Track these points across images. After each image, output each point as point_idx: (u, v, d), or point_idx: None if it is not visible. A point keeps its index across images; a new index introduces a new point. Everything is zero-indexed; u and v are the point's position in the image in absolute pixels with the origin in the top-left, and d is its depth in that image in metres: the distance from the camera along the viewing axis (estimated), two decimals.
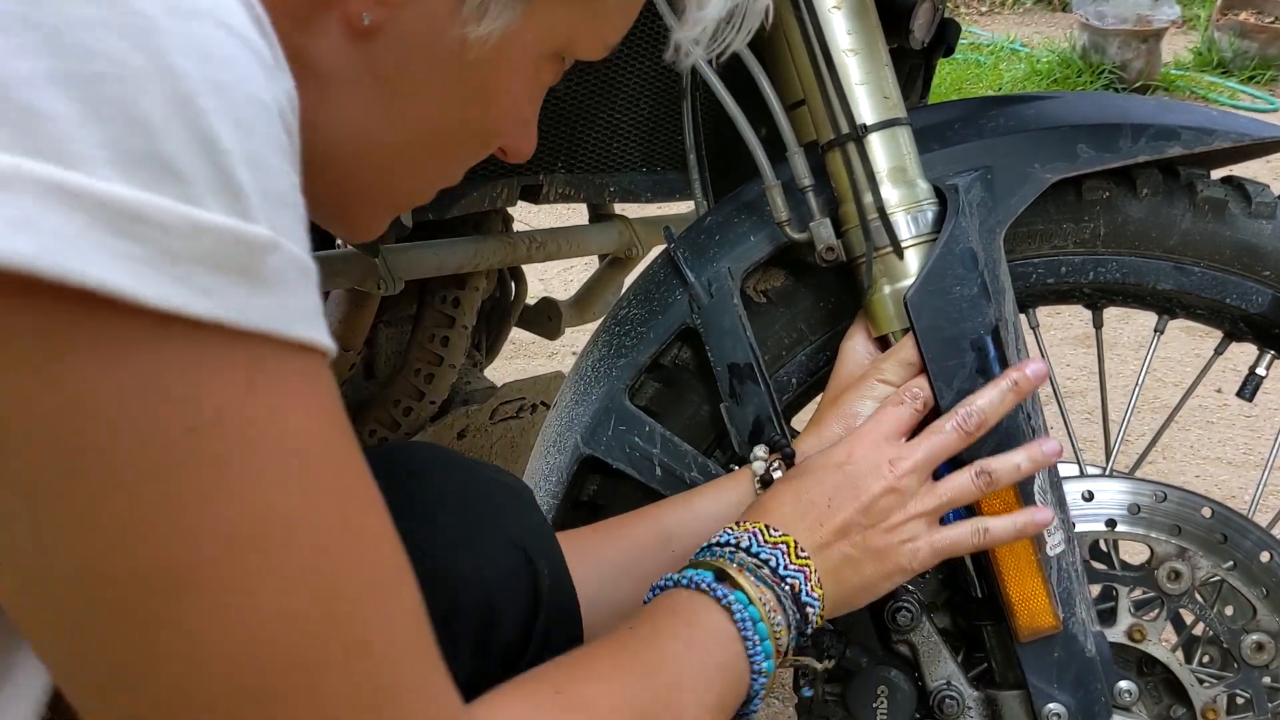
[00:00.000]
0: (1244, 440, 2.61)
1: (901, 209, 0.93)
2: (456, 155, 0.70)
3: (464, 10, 0.60)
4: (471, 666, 0.70)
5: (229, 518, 0.45)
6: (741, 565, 0.79)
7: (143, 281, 0.41)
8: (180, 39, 0.42)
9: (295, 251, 0.46)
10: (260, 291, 0.45)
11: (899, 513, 0.85)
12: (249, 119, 0.44)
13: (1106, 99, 1.09)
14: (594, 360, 1.05)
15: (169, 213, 0.42)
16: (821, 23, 0.92)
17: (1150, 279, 1.03)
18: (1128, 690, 0.98)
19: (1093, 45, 5.37)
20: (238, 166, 0.43)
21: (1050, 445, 0.90)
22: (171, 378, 0.43)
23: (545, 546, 0.76)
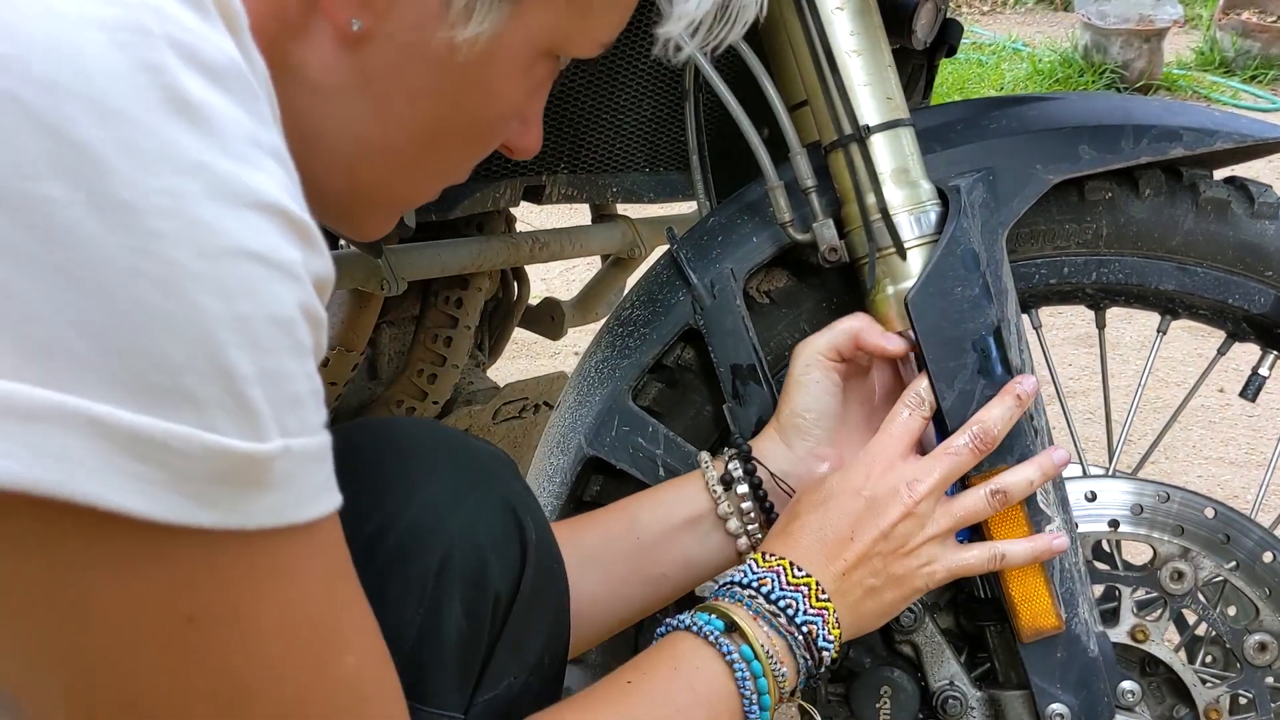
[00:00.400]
0: (1246, 440, 2.61)
1: (904, 210, 0.93)
2: (456, 154, 0.71)
3: (450, 14, 0.61)
4: (463, 616, 0.73)
5: (221, 685, 0.50)
6: (757, 614, 0.81)
7: (155, 503, 0.45)
8: (207, 282, 0.45)
9: (304, 446, 0.49)
10: (265, 494, 0.48)
11: (917, 536, 0.86)
12: (266, 340, 0.47)
13: (1108, 100, 1.08)
14: (597, 361, 1.05)
15: (186, 439, 0.45)
16: (824, 23, 0.92)
17: (1153, 279, 1.03)
18: (1131, 690, 0.98)
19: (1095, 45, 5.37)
20: (252, 388, 0.47)
21: (1059, 455, 0.91)
22: (176, 578, 0.47)
23: (530, 507, 0.79)
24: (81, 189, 0.43)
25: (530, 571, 0.77)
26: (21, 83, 0.43)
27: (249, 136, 0.48)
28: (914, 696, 0.98)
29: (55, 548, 0.45)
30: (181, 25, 0.46)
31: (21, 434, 0.42)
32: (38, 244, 0.43)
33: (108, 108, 0.44)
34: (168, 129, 0.45)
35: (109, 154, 0.44)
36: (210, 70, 0.47)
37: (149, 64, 0.45)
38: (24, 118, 0.43)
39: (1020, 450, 0.92)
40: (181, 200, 0.45)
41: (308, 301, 0.49)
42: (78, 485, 0.43)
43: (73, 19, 0.44)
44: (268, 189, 0.48)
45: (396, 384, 1.54)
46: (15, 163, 0.42)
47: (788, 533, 0.88)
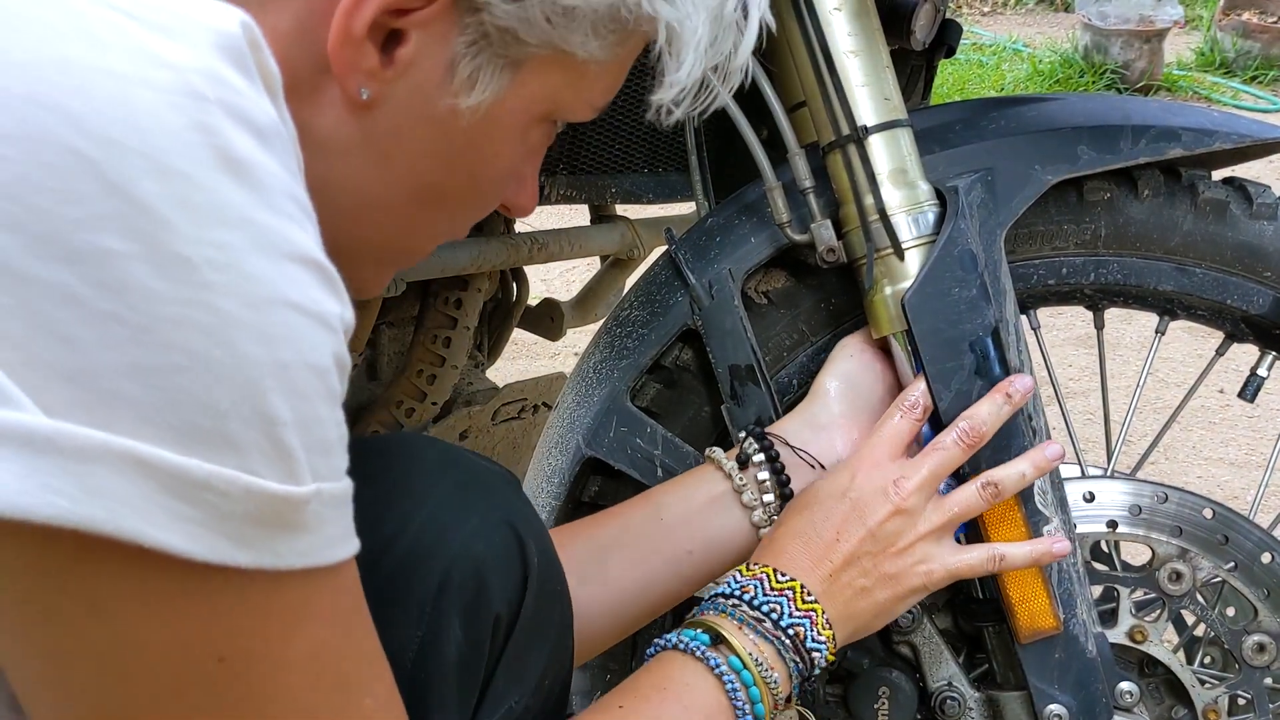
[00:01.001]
0: (1246, 441, 2.60)
1: (902, 210, 0.93)
2: (454, 213, 0.73)
3: (454, 83, 0.64)
4: (462, 637, 0.73)
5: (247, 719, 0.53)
6: (742, 622, 0.82)
7: (195, 541, 0.47)
8: (252, 331, 0.47)
9: (333, 490, 0.52)
10: (298, 536, 0.50)
11: (909, 534, 0.86)
12: (304, 387, 0.50)
13: (1107, 100, 1.08)
14: (595, 362, 1.05)
15: (228, 481, 0.47)
16: (822, 24, 0.92)
17: (1151, 280, 1.03)
18: (1129, 691, 0.98)
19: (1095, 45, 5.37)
20: (290, 434, 0.49)
21: (1053, 449, 0.91)
22: (209, 617, 0.50)
23: (533, 527, 0.79)
24: (139, 242, 0.45)
25: (532, 592, 0.76)
26: (87, 140, 0.45)
27: (289, 192, 0.50)
28: (912, 697, 0.98)
29: (93, 584, 0.47)
30: (231, 88, 0.49)
31: (74, 472, 0.44)
32: (97, 293, 0.45)
33: (165, 165, 0.46)
34: (218, 185, 0.47)
35: (166, 209, 0.46)
36: (257, 130, 0.49)
37: (202, 125, 0.47)
38: (88, 173, 0.45)
39: (1018, 450, 0.92)
40: (230, 253, 0.47)
41: (339, 350, 0.52)
42: (123, 522, 0.45)
43: (134, 81, 0.46)
44: (305, 242, 0.51)
45: (396, 385, 1.54)
46: (78, 217, 0.45)
47: (773, 539, 0.88)
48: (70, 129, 0.45)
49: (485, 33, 0.63)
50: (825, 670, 0.99)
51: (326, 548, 0.52)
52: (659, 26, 0.65)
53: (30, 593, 0.48)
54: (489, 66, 0.64)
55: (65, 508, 0.44)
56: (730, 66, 0.71)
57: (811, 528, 0.86)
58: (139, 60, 0.47)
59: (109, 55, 0.47)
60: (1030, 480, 0.90)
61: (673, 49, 0.66)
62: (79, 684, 0.50)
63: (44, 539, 0.45)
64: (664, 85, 0.68)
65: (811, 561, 0.85)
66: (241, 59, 0.50)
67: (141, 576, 0.48)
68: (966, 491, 0.89)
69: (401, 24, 0.62)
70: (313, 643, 0.54)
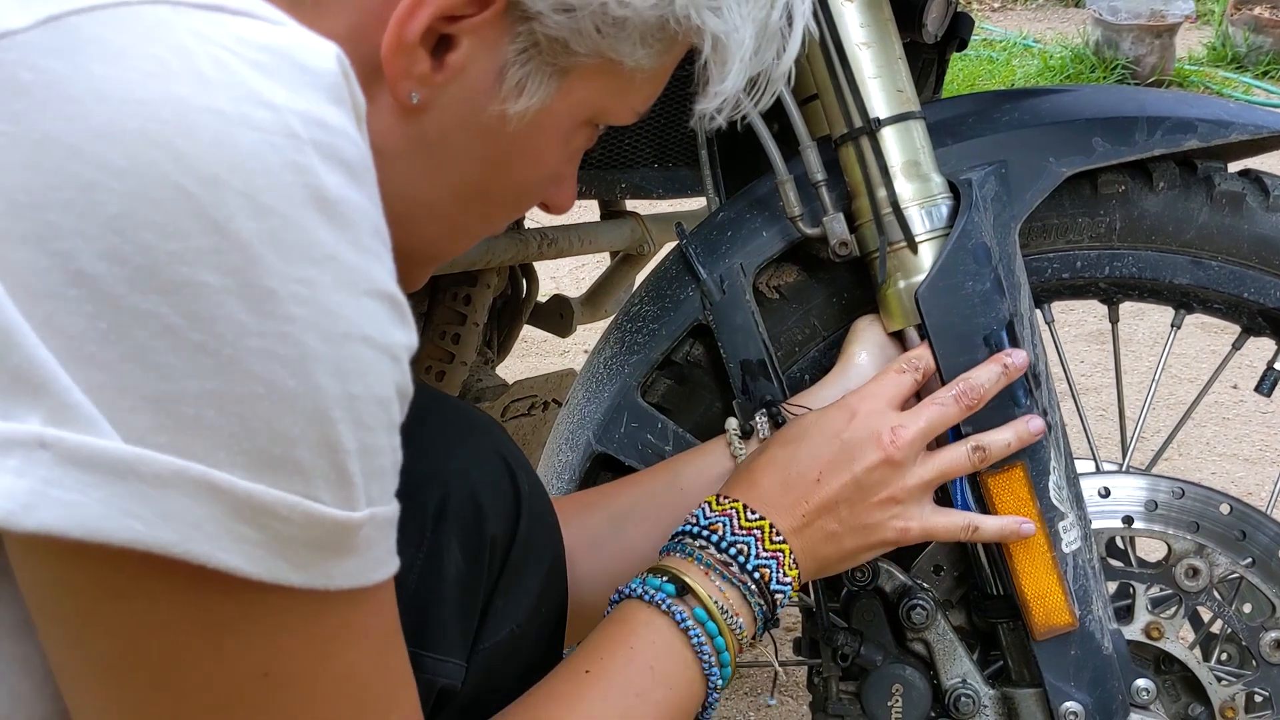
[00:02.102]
0: (1260, 437, 2.59)
1: (915, 203, 0.92)
2: (496, 214, 0.75)
3: (503, 89, 0.65)
4: (461, 557, 0.75)
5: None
6: (708, 567, 0.82)
7: (256, 563, 0.49)
8: (328, 364, 0.49)
9: (384, 513, 0.54)
10: (350, 558, 0.52)
11: (892, 486, 0.86)
12: (369, 418, 0.51)
13: (1122, 92, 1.07)
14: (606, 357, 1.05)
15: (292, 507, 0.49)
16: (834, 16, 0.92)
17: (1167, 274, 1.02)
18: (1145, 688, 0.97)
19: (1106, 41, 5.35)
20: (352, 462, 0.51)
21: (1035, 423, 0.91)
22: (260, 634, 0.52)
23: (520, 460, 0.80)
24: (232, 276, 0.47)
25: (525, 517, 0.78)
26: (191, 177, 0.47)
27: (373, 227, 0.52)
28: (926, 695, 0.97)
29: (154, 601, 0.49)
30: (325, 127, 0.50)
31: (151, 497, 0.46)
32: (189, 324, 0.47)
33: (261, 204, 0.48)
34: (309, 224, 0.49)
35: (259, 245, 0.48)
36: (348, 167, 0.51)
37: (296, 165, 0.49)
38: (190, 210, 0.47)
39: (1033, 446, 0.91)
40: (315, 289, 0.49)
41: (402, 381, 0.54)
42: (193, 545, 0.47)
43: (236, 120, 0.48)
44: (382, 277, 0.52)
45: None
46: (178, 251, 0.47)
47: (750, 470, 0.88)
48: (176, 166, 0.47)
49: (535, 41, 0.64)
50: (840, 668, 0.98)
51: (372, 569, 0.54)
52: (705, 37, 0.66)
53: (92, 605, 0.50)
54: (538, 74, 0.65)
55: (141, 531, 0.46)
56: (773, 74, 0.72)
57: (795, 463, 0.86)
58: (241, 99, 0.48)
59: (214, 94, 0.48)
60: (1014, 448, 0.90)
61: (718, 59, 0.68)
62: (128, 694, 0.52)
63: (114, 557, 0.47)
64: (708, 95, 0.69)
65: (787, 500, 0.85)
66: (337, 94, 0.52)
67: (202, 595, 0.50)
68: (956, 451, 0.88)
69: (453, 30, 0.62)
70: (349, 660, 0.56)
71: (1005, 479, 0.92)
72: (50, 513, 0.45)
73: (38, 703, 0.54)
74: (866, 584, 0.97)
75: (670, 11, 0.64)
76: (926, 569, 1.00)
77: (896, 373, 0.90)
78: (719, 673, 0.80)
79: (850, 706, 0.99)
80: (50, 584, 0.50)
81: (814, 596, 0.99)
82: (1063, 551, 0.93)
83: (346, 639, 0.55)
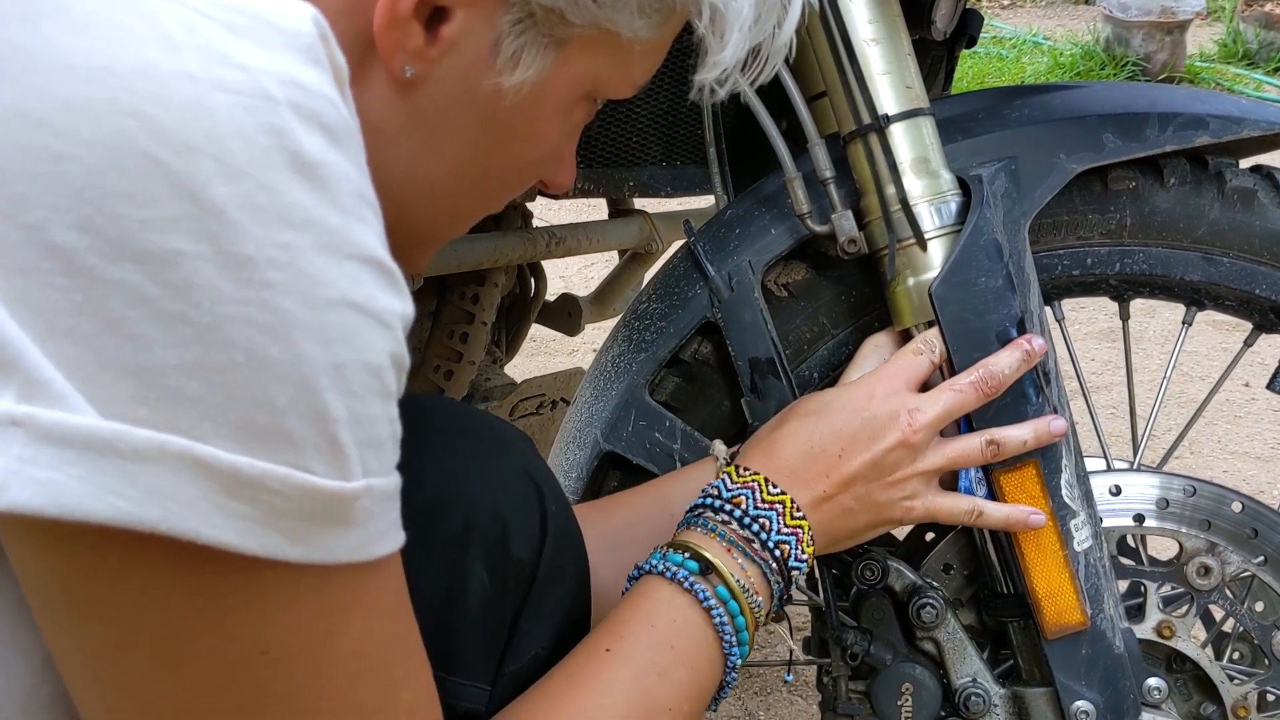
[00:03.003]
0: (1272, 434, 2.58)
1: (925, 200, 0.92)
2: (497, 191, 0.74)
3: (498, 61, 0.64)
4: (487, 580, 0.74)
5: (287, 713, 0.53)
6: (730, 544, 0.81)
7: (249, 537, 0.48)
8: (311, 330, 0.48)
9: (382, 485, 0.52)
10: (348, 531, 0.51)
11: (906, 468, 0.86)
12: (359, 386, 0.50)
13: (1132, 88, 1.07)
14: (614, 355, 1.05)
15: (282, 479, 0.48)
16: (842, 12, 0.91)
17: (1178, 270, 1.02)
18: (1157, 687, 0.97)
19: (1116, 38, 5.33)
20: (343, 431, 0.49)
21: (1057, 423, 0.90)
22: (257, 610, 0.50)
23: (548, 480, 0.79)
24: (207, 243, 0.46)
25: (551, 540, 0.77)
26: (162, 145, 0.46)
27: (356, 190, 0.51)
28: (936, 694, 0.96)
29: (147, 579, 0.48)
30: (302, 88, 0.49)
31: (132, 473, 0.45)
32: (164, 293, 0.46)
33: (234, 168, 0.47)
34: (287, 187, 0.48)
35: (233, 211, 0.47)
36: (327, 129, 0.50)
37: (272, 127, 0.48)
38: (161, 177, 0.46)
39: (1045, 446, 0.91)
40: (294, 253, 0.48)
41: (396, 349, 0.52)
42: (179, 521, 0.46)
43: (208, 83, 0.47)
44: (368, 241, 0.51)
45: (412, 380, 1.53)
46: (150, 219, 0.45)
47: (771, 440, 0.87)
48: (147, 134, 0.46)
49: (531, 11, 0.63)
50: (849, 667, 0.98)
51: (373, 543, 0.53)
52: (703, 6, 0.66)
53: (84, 587, 0.49)
54: (533, 45, 0.64)
55: (124, 509, 0.45)
56: (775, 44, 0.71)
57: (817, 437, 0.86)
58: (212, 62, 0.47)
59: (184, 57, 0.47)
60: (1030, 448, 0.90)
61: (716, 29, 0.67)
62: (128, 675, 0.51)
63: (101, 537, 0.46)
64: (707, 65, 0.68)
65: (809, 474, 0.84)
66: (314, 55, 0.51)
67: (195, 571, 0.48)
68: (970, 442, 0.88)
69: (447, 2, 0.62)
70: (356, 637, 0.54)
71: (1018, 476, 0.91)
72: (25, 491, 0.44)
73: (39, 686, 0.53)
74: (876, 583, 0.97)
75: None
76: (936, 568, 0.99)
77: (913, 354, 0.90)
78: (738, 651, 0.79)
79: (860, 706, 0.98)
80: (43, 567, 0.49)
81: (823, 596, 0.99)
82: (1074, 550, 0.92)
83: (352, 615, 0.54)
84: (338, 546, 0.51)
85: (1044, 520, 0.90)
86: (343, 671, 0.54)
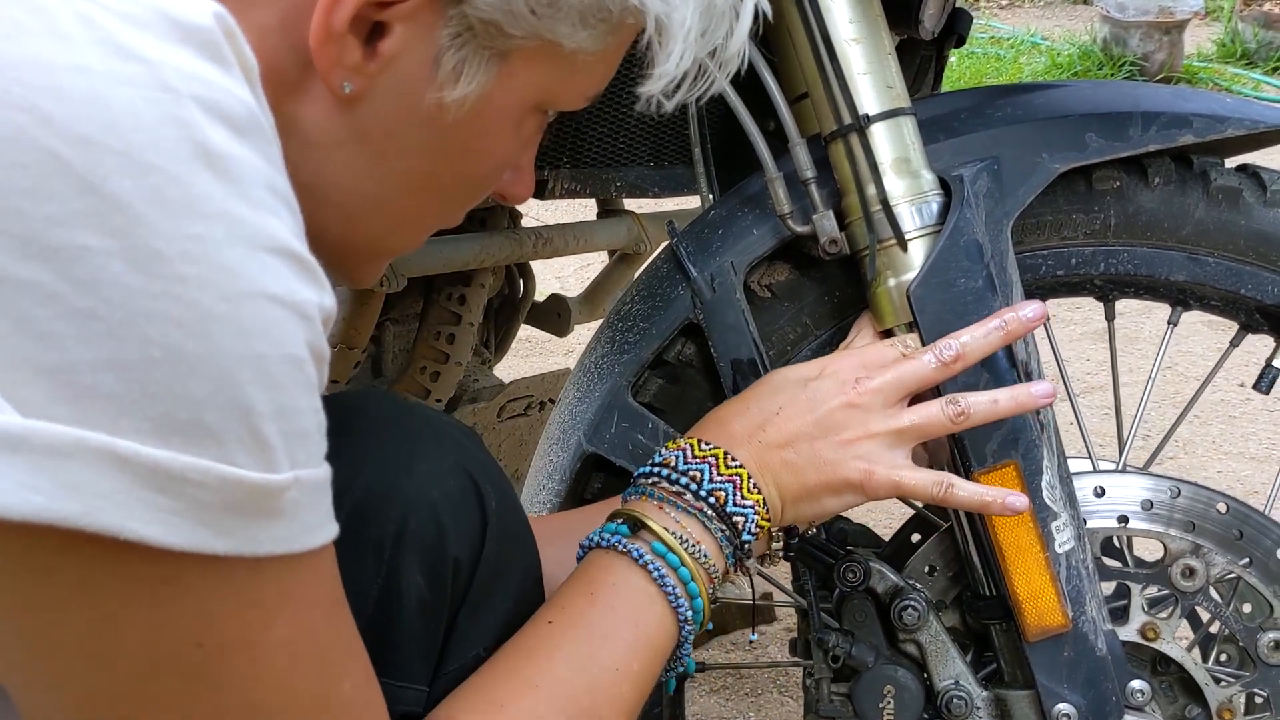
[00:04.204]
0: (1266, 435, 2.58)
1: (905, 200, 0.91)
2: (448, 205, 0.74)
3: (439, 76, 0.63)
4: (422, 581, 0.73)
5: (226, 706, 0.53)
6: (661, 500, 0.81)
7: (173, 531, 0.48)
8: (228, 323, 0.48)
9: (311, 477, 0.52)
10: (276, 523, 0.51)
11: (856, 428, 0.85)
12: (281, 378, 0.50)
13: (1117, 87, 1.06)
14: (597, 357, 1.04)
15: (205, 472, 0.48)
16: (823, 12, 0.91)
17: (1163, 270, 1.01)
18: (1140, 690, 0.96)
19: (1114, 38, 5.33)
20: (267, 424, 0.49)
21: (1039, 387, 0.87)
22: (187, 604, 0.50)
23: (490, 474, 0.78)
24: (114, 238, 0.46)
25: (492, 537, 0.76)
26: (60, 139, 0.45)
27: (267, 183, 0.50)
28: (918, 696, 0.96)
29: (74, 575, 0.48)
30: (204, 81, 0.49)
31: (49, 469, 0.45)
32: (74, 290, 0.45)
33: (139, 161, 0.46)
34: (194, 179, 0.47)
35: (140, 205, 0.46)
36: (232, 122, 0.49)
37: (176, 118, 0.47)
38: (62, 172, 0.45)
39: (1025, 444, 0.91)
40: (205, 246, 0.47)
41: (315, 340, 0.52)
42: (101, 516, 0.46)
43: (106, 77, 0.47)
44: (282, 233, 0.50)
45: (400, 381, 1.53)
46: (54, 215, 0.45)
47: (715, 412, 0.88)
48: (44, 129, 0.45)
49: (469, 24, 0.62)
50: (832, 669, 0.97)
51: (305, 534, 0.53)
52: (646, 17, 0.65)
53: (12, 583, 0.48)
54: (475, 59, 0.64)
55: (41, 504, 0.45)
56: (725, 55, 0.70)
57: (758, 403, 0.86)
58: (110, 55, 0.47)
59: (79, 51, 0.47)
60: (1004, 412, 0.87)
61: (661, 40, 0.66)
62: (62, 671, 0.51)
63: (24, 533, 0.46)
64: (652, 77, 0.67)
65: (745, 431, 0.85)
66: (216, 49, 0.50)
67: (121, 566, 0.48)
68: (930, 407, 0.86)
69: (384, 16, 0.61)
70: (291, 628, 0.54)
71: (997, 477, 0.91)
72: None
73: None
74: (858, 584, 0.96)
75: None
76: (919, 570, 0.99)
77: (885, 345, 0.89)
78: (689, 604, 0.79)
79: (842, 708, 0.98)
80: None
81: (807, 598, 0.99)
82: (1056, 552, 0.92)
83: (286, 606, 0.54)
84: (266, 539, 0.51)
85: (1024, 503, 0.87)
86: (279, 663, 0.54)
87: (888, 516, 2.11)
